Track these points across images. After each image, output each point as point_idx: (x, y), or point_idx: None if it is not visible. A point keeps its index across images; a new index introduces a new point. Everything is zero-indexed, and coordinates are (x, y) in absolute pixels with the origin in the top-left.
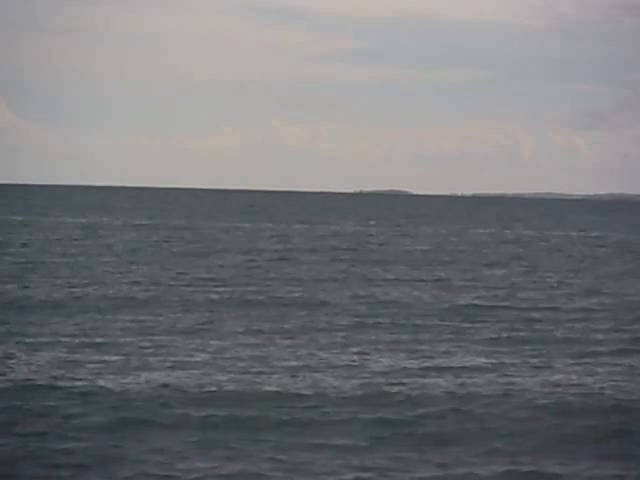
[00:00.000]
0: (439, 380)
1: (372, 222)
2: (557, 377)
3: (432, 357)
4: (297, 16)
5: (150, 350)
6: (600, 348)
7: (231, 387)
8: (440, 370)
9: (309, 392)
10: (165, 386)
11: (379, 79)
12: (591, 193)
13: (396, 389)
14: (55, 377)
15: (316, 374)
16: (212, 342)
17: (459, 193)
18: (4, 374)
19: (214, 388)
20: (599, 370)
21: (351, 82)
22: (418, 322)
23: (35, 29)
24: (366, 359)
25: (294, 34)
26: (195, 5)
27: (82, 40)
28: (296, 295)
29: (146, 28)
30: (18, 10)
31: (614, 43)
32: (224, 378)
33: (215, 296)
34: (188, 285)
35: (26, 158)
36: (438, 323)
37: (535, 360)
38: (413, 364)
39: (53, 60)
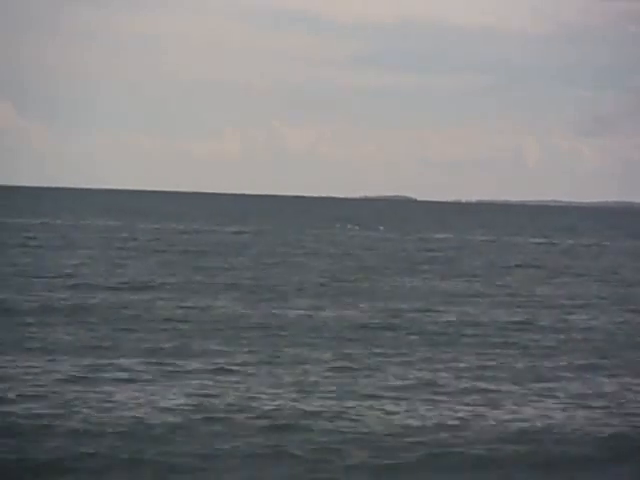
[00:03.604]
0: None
1: (381, 227)
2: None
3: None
4: (297, 19)
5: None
6: None
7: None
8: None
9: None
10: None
11: (380, 83)
12: (595, 200)
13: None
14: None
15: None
16: (228, 359)
17: (463, 199)
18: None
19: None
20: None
21: (351, 86)
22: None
23: (35, 29)
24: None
25: (295, 37)
26: (195, 7)
27: (82, 40)
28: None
29: (147, 29)
30: (18, 10)
31: (618, 50)
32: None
33: (238, 308)
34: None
35: (26, 160)
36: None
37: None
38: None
39: (53, 60)
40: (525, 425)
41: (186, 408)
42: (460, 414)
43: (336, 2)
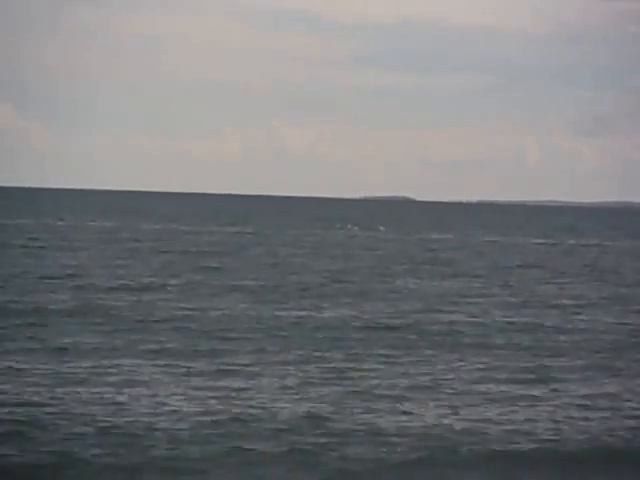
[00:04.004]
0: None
1: (382, 228)
2: None
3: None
4: (297, 19)
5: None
6: None
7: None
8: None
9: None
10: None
11: (380, 83)
12: (595, 200)
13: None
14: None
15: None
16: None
17: (464, 200)
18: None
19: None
20: None
21: (351, 86)
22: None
23: (35, 29)
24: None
25: (295, 37)
26: (195, 7)
27: (82, 40)
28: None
29: (147, 29)
30: (18, 10)
31: (618, 50)
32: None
33: (240, 309)
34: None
35: (26, 160)
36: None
37: None
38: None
39: (53, 60)
40: (527, 425)
41: (189, 409)
42: (463, 414)
43: (336, 2)
